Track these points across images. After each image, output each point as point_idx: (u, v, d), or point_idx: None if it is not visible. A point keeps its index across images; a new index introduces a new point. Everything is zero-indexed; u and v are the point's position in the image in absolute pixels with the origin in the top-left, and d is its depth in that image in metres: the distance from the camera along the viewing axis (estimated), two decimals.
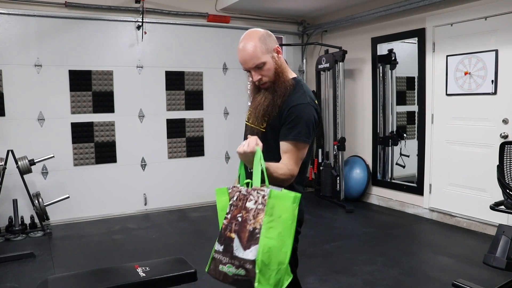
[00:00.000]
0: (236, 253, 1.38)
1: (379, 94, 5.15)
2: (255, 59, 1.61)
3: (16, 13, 4.24)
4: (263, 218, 1.38)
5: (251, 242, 1.37)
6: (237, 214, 1.43)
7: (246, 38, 1.64)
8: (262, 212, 1.38)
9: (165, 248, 3.81)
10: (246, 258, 1.36)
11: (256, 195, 1.42)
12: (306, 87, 1.71)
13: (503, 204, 2.61)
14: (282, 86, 1.64)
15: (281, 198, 1.39)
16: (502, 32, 3.75)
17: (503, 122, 3.78)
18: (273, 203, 1.39)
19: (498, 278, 2.85)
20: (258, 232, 1.37)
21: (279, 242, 1.37)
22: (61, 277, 2.15)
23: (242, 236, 1.39)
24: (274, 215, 1.38)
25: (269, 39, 1.65)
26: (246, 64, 1.64)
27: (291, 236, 1.39)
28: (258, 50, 1.61)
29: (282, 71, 1.66)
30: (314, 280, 2.98)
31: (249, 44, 1.61)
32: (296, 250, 1.78)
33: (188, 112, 5.19)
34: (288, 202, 1.39)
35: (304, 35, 6.03)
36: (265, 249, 1.36)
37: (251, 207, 1.41)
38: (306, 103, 1.62)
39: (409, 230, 4.26)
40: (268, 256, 1.36)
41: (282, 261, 1.37)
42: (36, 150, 4.25)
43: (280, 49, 1.68)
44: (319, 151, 5.49)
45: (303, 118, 1.59)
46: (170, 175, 5.12)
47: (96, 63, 4.63)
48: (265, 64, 1.62)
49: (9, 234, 4.00)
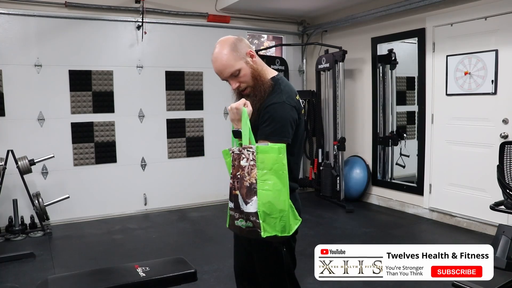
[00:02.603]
0: (243, 208, 1.51)
1: (379, 94, 5.15)
2: (229, 67, 1.64)
3: (16, 13, 4.24)
4: (257, 172, 1.50)
5: (251, 196, 1.50)
6: (236, 173, 1.55)
7: (217, 48, 1.66)
8: (255, 168, 1.51)
9: (165, 248, 3.81)
10: (250, 211, 1.50)
11: (246, 153, 1.53)
12: (286, 85, 1.70)
13: (503, 204, 2.61)
14: (262, 89, 1.66)
15: (267, 152, 1.51)
16: (502, 32, 3.75)
17: (503, 122, 3.78)
18: (262, 158, 1.50)
19: (498, 278, 2.84)
20: (255, 186, 1.50)
21: (275, 192, 1.50)
22: (61, 277, 2.15)
23: (243, 192, 1.52)
24: (265, 168, 1.50)
25: (240, 45, 1.66)
26: (222, 75, 1.68)
27: (285, 184, 1.52)
28: (231, 58, 1.64)
29: (259, 74, 1.67)
30: (314, 280, 2.97)
31: (220, 54, 1.64)
32: (294, 250, 1.78)
33: (188, 112, 5.19)
34: (275, 154, 1.51)
35: (304, 35, 6.03)
36: (264, 200, 1.48)
37: (244, 164, 1.53)
38: (280, 102, 1.62)
39: (409, 230, 4.26)
40: (268, 206, 1.48)
41: (283, 208, 1.51)
42: (36, 150, 4.25)
43: (253, 52, 1.69)
44: (319, 151, 5.49)
45: (276, 117, 1.60)
46: (170, 175, 5.12)
47: (96, 63, 4.63)
48: (240, 71, 1.65)
49: (9, 234, 4.00)
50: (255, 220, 1.48)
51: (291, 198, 1.72)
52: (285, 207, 1.51)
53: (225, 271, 3.10)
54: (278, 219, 1.49)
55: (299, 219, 1.59)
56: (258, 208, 1.48)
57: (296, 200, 1.75)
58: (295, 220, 1.57)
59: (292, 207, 1.56)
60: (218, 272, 3.16)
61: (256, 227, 1.49)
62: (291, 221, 1.54)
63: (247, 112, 1.56)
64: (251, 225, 1.50)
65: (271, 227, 1.49)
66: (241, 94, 1.73)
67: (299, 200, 1.77)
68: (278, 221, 1.49)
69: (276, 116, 1.60)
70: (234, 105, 1.58)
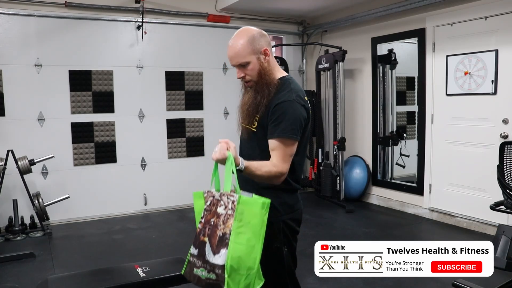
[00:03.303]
0: (208, 257, 1.42)
1: (379, 94, 5.15)
2: (240, 57, 1.65)
3: (16, 13, 4.24)
4: (233, 223, 1.40)
5: (221, 247, 1.40)
6: (210, 218, 1.46)
7: (236, 35, 1.68)
8: (232, 218, 1.41)
9: (165, 248, 3.81)
10: (216, 263, 1.40)
11: (226, 200, 1.44)
12: (295, 85, 1.70)
13: (503, 204, 2.61)
14: (265, 87, 1.65)
15: (250, 204, 1.42)
16: (502, 32, 3.74)
17: (503, 122, 3.78)
18: (242, 209, 1.41)
19: (498, 278, 2.84)
20: (227, 238, 1.40)
21: (248, 247, 1.40)
22: (61, 277, 2.16)
23: (213, 241, 1.42)
24: (243, 220, 1.41)
25: (259, 40, 1.67)
26: (231, 61, 1.68)
27: (260, 241, 1.42)
28: (245, 49, 1.64)
29: (266, 73, 1.66)
30: (314, 280, 2.98)
31: (236, 42, 1.66)
32: (295, 250, 1.78)
33: (188, 112, 5.19)
34: (257, 208, 1.41)
35: (304, 35, 6.02)
36: (234, 254, 1.39)
37: (221, 212, 1.44)
38: (291, 100, 1.61)
39: (409, 230, 4.26)
40: (237, 261, 1.39)
41: (251, 266, 1.41)
42: (36, 150, 4.25)
43: (269, 51, 1.69)
44: (319, 151, 5.48)
45: (287, 115, 1.58)
46: (170, 175, 5.12)
47: (96, 63, 4.63)
48: (248, 64, 1.65)
49: (9, 234, 4.00)
50: (220, 274, 1.39)
51: (293, 198, 1.72)
52: (254, 265, 1.41)
53: None
54: (244, 277, 1.40)
55: (262, 279, 1.46)
56: (226, 261, 1.38)
57: (298, 201, 1.75)
58: (259, 281, 1.45)
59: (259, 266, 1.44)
60: None
61: (220, 281, 1.39)
62: (255, 282, 1.43)
63: (232, 156, 1.46)
64: (213, 277, 1.41)
65: (235, 283, 1.39)
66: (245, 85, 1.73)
67: (300, 201, 1.77)
68: (244, 278, 1.40)
69: (286, 113, 1.58)
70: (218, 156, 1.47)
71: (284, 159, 1.58)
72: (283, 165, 1.58)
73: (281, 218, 1.67)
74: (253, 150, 1.70)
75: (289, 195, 1.71)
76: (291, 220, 1.71)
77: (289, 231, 1.71)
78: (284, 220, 1.68)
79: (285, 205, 1.69)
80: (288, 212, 1.70)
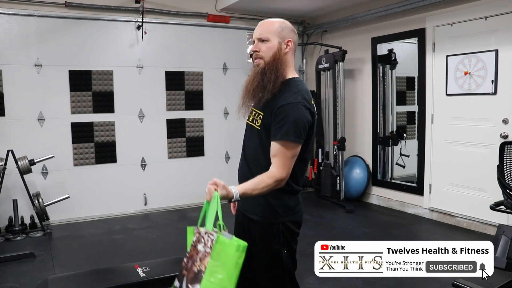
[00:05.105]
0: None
1: (379, 94, 5.15)
2: (264, 32, 1.68)
3: (16, 13, 4.24)
4: (209, 261, 1.42)
5: (195, 283, 1.42)
6: (193, 254, 1.48)
7: (275, 19, 1.73)
8: (208, 256, 1.43)
9: (165, 248, 3.81)
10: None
11: (206, 238, 1.46)
12: (303, 87, 1.68)
13: (503, 204, 2.61)
14: (273, 72, 1.64)
15: (226, 245, 1.43)
16: (502, 32, 3.75)
17: (503, 122, 3.78)
18: (219, 249, 1.43)
19: (498, 278, 2.84)
20: (202, 275, 1.41)
21: (220, 287, 1.41)
22: (61, 277, 2.16)
23: (189, 276, 1.44)
24: (219, 260, 1.42)
25: (288, 30, 1.70)
26: (256, 33, 1.71)
27: (232, 283, 1.43)
28: (273, 28, 1.68)
29: (280, 59, 1.67)
30: (314, 280, 2.98)
31: (270, 21, 1.71)
32: (295, 251, 1.78)
33: (188, 112, 5.19)
34: (232, 250, 1.42)
35: (304, 35, 6.02)
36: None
37: (200, 249, 1.46)
38: (296, 103, 1.59)
39: (409, 230, 4.26)
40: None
41: None
42: (36, 150, 4.25)
43: (291, 45, 1.70)
44: (319, 151, 5.49)
45: (291, 117, 1.57)
46: (170, 175, 5.12)
47: (96, 63, 4.63)
48: (268, 41, 1.67)
49: (9, 234, 4.00)
50: None
51: (293, 200, 1.70)
52: None
53: None
54: None
55: None
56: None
57: (299, 203, 1.74)
58: None
59: None
60: None
61: None
62: None
63: (219, 197, 1.50)
64: None
65: None
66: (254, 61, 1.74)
67: (301, 203, 1.76)
68: None
69: (291, 116, 1.57)
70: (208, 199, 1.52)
71: (284, 165, 1.57)
72: (282, 171, 1.56)
73: (281, 220, 1.66)
74: (257, 152, 1.69)
75: (290, 197, 1.70)
76: (290, 222, 1.70)
77: (289, 233, 1.70)
78: (283, 222, 1.67)
79: (285, 207, 1.68)
80: (288, 214, 1.69)
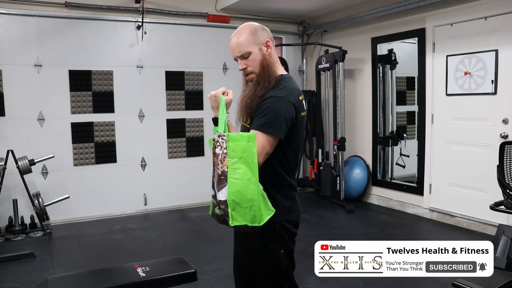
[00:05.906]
0: (217, 195, 1.51)
1: (379, 94, 5.15)
2: (241, 47, 1.67)
3: (16, 13, 4.24)
4: (228, 161, 1.49)
5: (222, 184, 1.49)
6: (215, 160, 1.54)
7: (239, 29, 1.71)
8: (227, 156, 1.49)
9: (165, 248, 3.81)
10: (221, 199, 1.50)
11: (220, 141, 1.52)
12: (291, 83, 1.68)
13: (503, 204, 2.61)
14: (266, 79, 1.65)
15: (237, 140, 1.50)
16: (502, 32, 3.75)
17: (503, 122, 3.78)
18: (232, 146, 1.49)
19: (498, 278, 2.84)
20: (225, 175, 1.49)
21: (244, 181, 1.47)
22: (61, 277, 2.15)
23: (215, 180, 1.52)
24: (235, 156, 1.49)
25: (261, 32, 1.69)
26: (233, 53, 1.70)
27: (255, 173, 1.49)
28: (246, 40, 1.66)
29: (268, 64, 1.67)
30: (314, 280, 2.98)
31: (238, 34, 1.69)
32: (293, 251, 1.77)
33: (188, 112, 5.19)
34: (244, 142, 1.49)
35: (304, 35, 6.03)
36: (233, 189, 1.47)
37: (218, 152, 1.52)
38: (279, 97, 1.60)
39: (409, 230, 4.26)
40: (238, 195, 1.47)
41: (252, 198, 1.48)
42: (36, 150, 4.25)
43: (271, 43, 1.69)
44: (319, 151, 5.48)
45: (271, 110, 1.58)
46: (170, 175, 5.12)
47: (96, 63, 4.63)
48: (250, 54, 1.66)
49: (9, 234, 4.00)
50: (225, 209, 1.49)
51: (290, 200, 1.70)
52: (254, 197, 1.48)
53: (225, 271, 3.10)
54: (248, 209, 1.48)
55: (272, 209, 1.54)
56: (228, 196, 1.47)
57: (295, 203, 1.73)
58: (267, 211, 1.53)
59: (264, 197, 1.52)
60: (218, 272, 3.16)
61: (225, 216, 1.49)
62: (263, 211, 1.51)
63: (225, 101, 1.60)
64: (222, 213, 1.50)
65: (240, 216, 1.48)
66: (247, 82, 1.73)
67: (298, 203, 1.75)
68: (248, 210, 1.48)
69: (272, 108, 1.58)
70: (213, 92, 1.62)
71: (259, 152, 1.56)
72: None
73: (277, 220, 1.65)
74: None
75: (286, 196, 1.69)
76: (287, 222, 1.70)
77: (286, 233, 1.70)
78: (280, 221, 1.66)
79: (281, 207, 1.67)
80: (284, 214, 1.68)
